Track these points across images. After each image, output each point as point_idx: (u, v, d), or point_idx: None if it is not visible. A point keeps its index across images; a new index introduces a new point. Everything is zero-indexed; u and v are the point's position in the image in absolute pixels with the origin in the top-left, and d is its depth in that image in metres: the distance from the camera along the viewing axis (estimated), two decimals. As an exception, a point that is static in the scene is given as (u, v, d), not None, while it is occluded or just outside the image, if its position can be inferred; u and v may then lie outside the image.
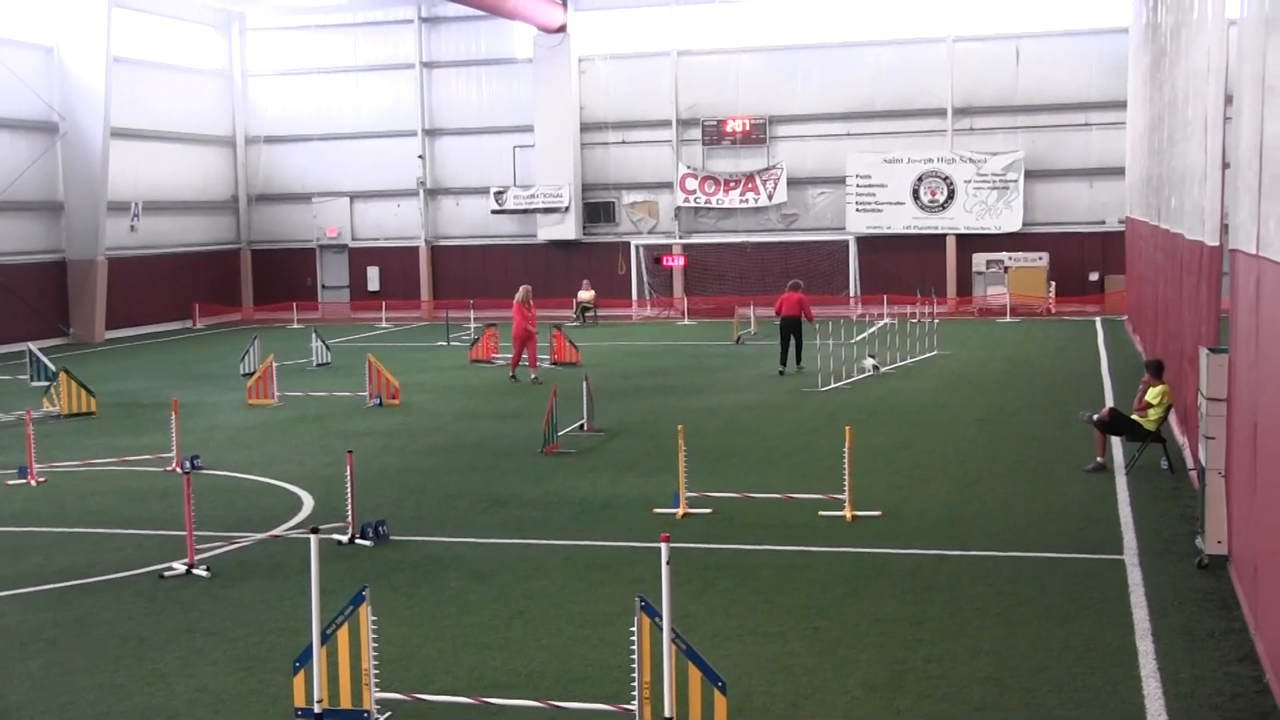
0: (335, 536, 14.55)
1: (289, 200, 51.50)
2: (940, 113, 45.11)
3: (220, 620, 11.90)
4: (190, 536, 13.60)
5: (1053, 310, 42.96)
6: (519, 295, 28.76)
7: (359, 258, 51.22)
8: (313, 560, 9.05)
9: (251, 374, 28.26)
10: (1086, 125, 44.21)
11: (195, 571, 13.39)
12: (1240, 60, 11.89)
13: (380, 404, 25.59)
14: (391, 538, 14.70)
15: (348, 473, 14.57)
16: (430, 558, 13.97)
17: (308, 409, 25.45)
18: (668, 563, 8.43)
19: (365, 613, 9.12)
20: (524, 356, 29.05)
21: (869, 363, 28.80)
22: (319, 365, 32.77)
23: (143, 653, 11.07)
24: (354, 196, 50.88)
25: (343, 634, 9.16)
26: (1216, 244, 15.25)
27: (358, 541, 14.50)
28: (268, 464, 19.73)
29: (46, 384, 28.02)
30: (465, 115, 49.59)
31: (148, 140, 46.70)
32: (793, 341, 29.12)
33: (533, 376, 28.54)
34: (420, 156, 49.85)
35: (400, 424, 23.40)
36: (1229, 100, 13.72)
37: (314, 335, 33.82)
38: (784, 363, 29.14)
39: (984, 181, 44.71)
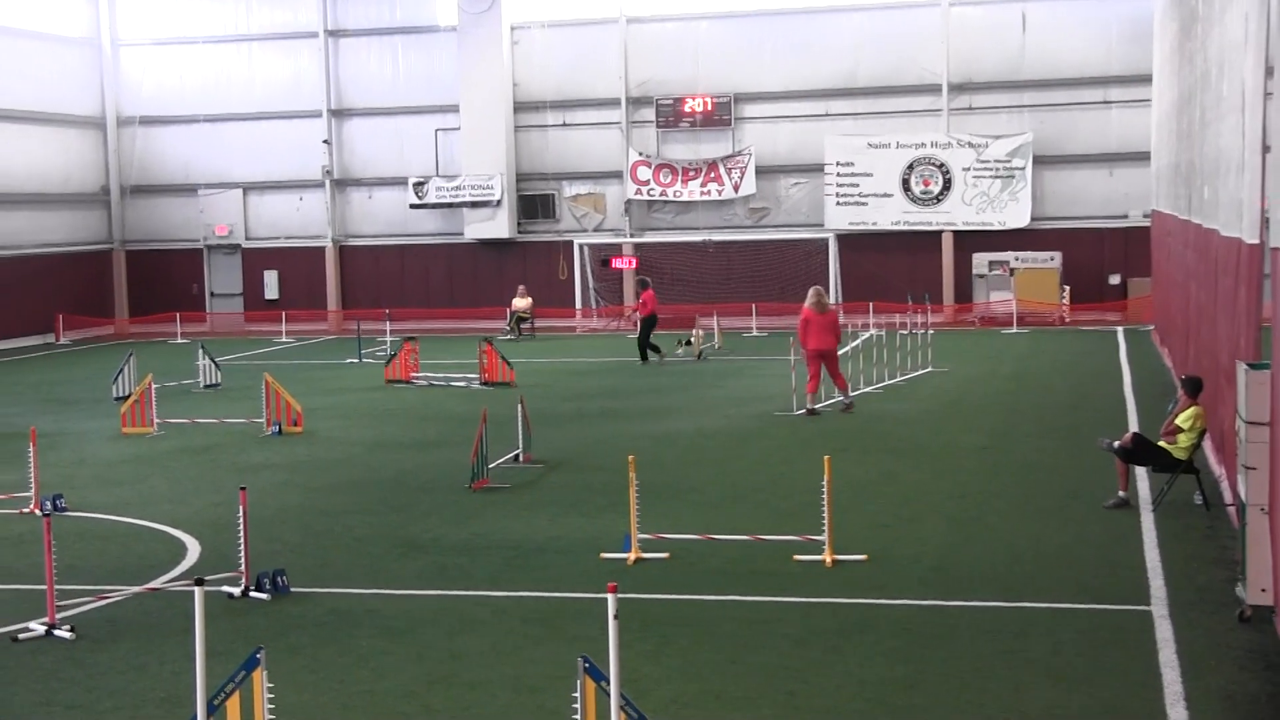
0: (226, 589, 14.43)
1: (171, 192, 51.21)
2: (934, 89, 45.40)
3: (85, 691, 11.76)
4: (51, 591, 13.43)
5: (1067, 319, 43.30)
6: (811, 299, 25.99)
7: (254, 260, 50.98)
8: (197, 617, 8.96)
9: (126, 397, 28.03)
10: (1105, 103, 44.66)
11: (56, 633, 13.22)
12: (1281, 27, 12.02)
13: (279, 432, 25.44)
14: (292, 589, 14.59)
15: (240, 513, 14.46)
16: (337, 613, 13.88)
17: (193, 439, 25.27)
18: (615, 616, 8.41)
19: (260, 678, 9.03)
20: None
21: (696, 335, 36.31)
22: (207, 387, 32.56)
23: (-8, 730, 10.94)
24: (248, 188, 50.65)
25: (233, 704, 9.06)
26: (1256, 241, 15.38)
27: (252, 594, 14.38)
28: (145, 504, 19.55)
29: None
30: (379, 93, 49.45)
31: (-3, 120, 46.30)
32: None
33: (845, 401, 26.27)
34: (326, 141, 49.70)
35: (303, 455, 23.27)
36: (1270, 73, 13.87)
37: (200, 351, 33.61)
38: (658, 351, 35.55)
39: (985, 169, 45.01)
